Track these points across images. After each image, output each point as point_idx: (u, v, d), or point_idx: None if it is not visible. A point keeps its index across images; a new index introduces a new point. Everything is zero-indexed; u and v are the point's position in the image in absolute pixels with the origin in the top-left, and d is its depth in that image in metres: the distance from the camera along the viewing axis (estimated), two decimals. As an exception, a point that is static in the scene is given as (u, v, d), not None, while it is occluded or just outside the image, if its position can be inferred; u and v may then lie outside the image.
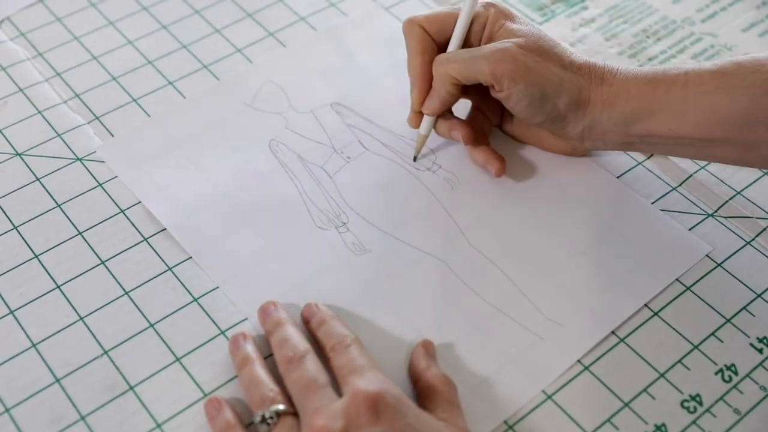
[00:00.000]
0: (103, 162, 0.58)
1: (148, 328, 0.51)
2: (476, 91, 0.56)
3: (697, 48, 0.67)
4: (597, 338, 0.50)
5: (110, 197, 0.57)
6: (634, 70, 0.52)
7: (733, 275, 0.53)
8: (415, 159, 0.58)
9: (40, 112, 0.62)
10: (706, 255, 0.54)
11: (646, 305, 0.52)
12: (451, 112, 0.58)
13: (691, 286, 0.53)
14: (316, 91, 0.63)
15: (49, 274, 0.53)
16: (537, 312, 0.51)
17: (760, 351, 0.50)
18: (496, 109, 0.58)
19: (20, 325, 0.51)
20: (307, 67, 0.65)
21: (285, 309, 0.50)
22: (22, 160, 0.59)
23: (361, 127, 0.61)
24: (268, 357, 0.49)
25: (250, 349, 0.48)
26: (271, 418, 0.44)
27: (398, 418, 0.41)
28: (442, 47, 0.55)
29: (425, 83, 0.55)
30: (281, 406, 0.44)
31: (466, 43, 0.54)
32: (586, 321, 0.51)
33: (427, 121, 0.57)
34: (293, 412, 0.44)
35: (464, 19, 0.53)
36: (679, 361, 0.50)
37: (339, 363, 0.46)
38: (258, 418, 0.44)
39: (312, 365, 0.45)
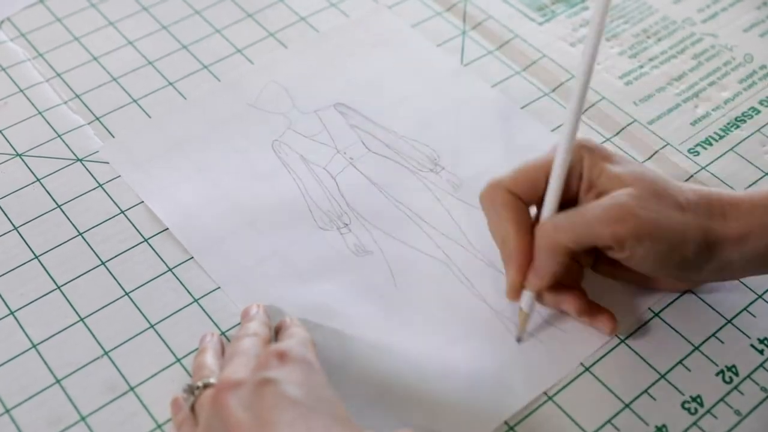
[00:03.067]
0: (104, 163, 0.58)
1: (148, 328, 0.51)
2: None
3: (698, 48, 0.67)
4: (598, 342, 0.50)
5: (111, 198, 0.57)
6: (758, 197, 0.46)
7: (734, 276, 0.53)
8: (519, 340, 0.50)
9: (40, 112, 0.62)
10: (707, 256, 0.54)
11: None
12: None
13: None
14: (319, 92, 0.63)
15: (49, 275, 0.53)
16: (537, 315, 0.51)
17: (761, 352, 0.50)
18: (589, 252, 0.49)
19: (20, 325, 0.50)
20: (311, 68, 0.65)
21: (266, 317, 0.50)
22: (23, 160, 0.59)
23: (364, 128, 0.61)
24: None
25: (211, 340, 0.49)
26: (198, 388, 0.44)
27: (301, 373, 0.42)
28: (532, 205, 0.48)
29: (526, 257, 0.47)
30: (211, 380, 0.45)
31: (563, 197, 0.47)
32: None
33: (528, 294, 0.48)
34: None
35: (559, 176, 0.46)
36: (680, 362, 0.49)
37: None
38: (186, 388, 0.45)
39: (251, 344, 0.46)
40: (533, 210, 0.49)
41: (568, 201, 0.47)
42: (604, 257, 0.48)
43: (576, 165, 0.47)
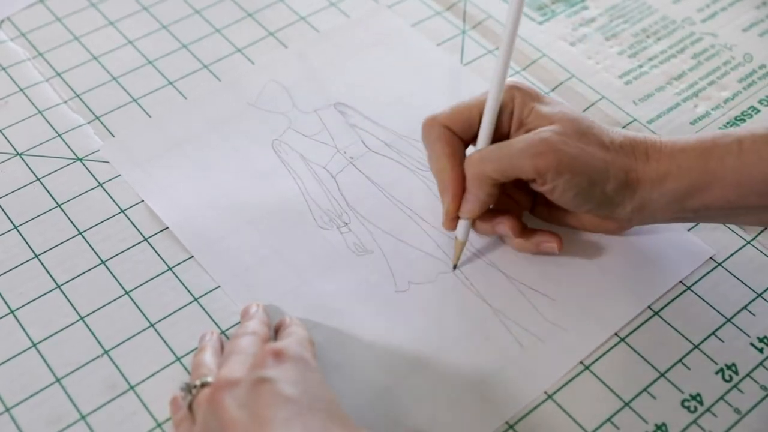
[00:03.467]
0: (104, 162, 0.58)
1: (148, 327, 0.51)
2: None
3: (697, 48, 0.67)
4: (599, 341, 0.50)
5: (110, 197, 0.57)
6: (681, 142, 0.48)
7: (733, 275, 0.53)
8: (455, 267, 0.53)
9: (40, 112, 0.62)
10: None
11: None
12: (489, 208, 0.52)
13: (692, 285, 0.53)
14: (319, 91, 0.63)
15: (49, 274, 0.53)
16: (537, 314, 0.51)
17: (761, 350, 0.50)
18: (527, 194, 0.53)
19: (20, 324, 0.51)
20: (311, 67, 0.65)
21: (266, 316, 0.50)
22: (23, 160, 0.59)
23: (364, 127, 0.61)
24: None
25: (210, 339, 0.49)
26: (195, 387, 0.44)
27: (297, 372, 0.42)
28: (468, 143, 0.51)
29: (459, 187, 0.50)
30: (209, 378, 0.45)
31: (495, 134, 0.50)
32: (588, 323, 0.51)
33: (463, 224, 0.51)
34: None
35: (491, 112, 0.48)
36: (680, 360, 0.50)
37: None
38: (183, 386, 0.45)
39: (248, 343, 0.46)
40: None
41: (501, 138, 0.50)
42: (541, 200, 0.51)
43: (507, 104, 0.49)
